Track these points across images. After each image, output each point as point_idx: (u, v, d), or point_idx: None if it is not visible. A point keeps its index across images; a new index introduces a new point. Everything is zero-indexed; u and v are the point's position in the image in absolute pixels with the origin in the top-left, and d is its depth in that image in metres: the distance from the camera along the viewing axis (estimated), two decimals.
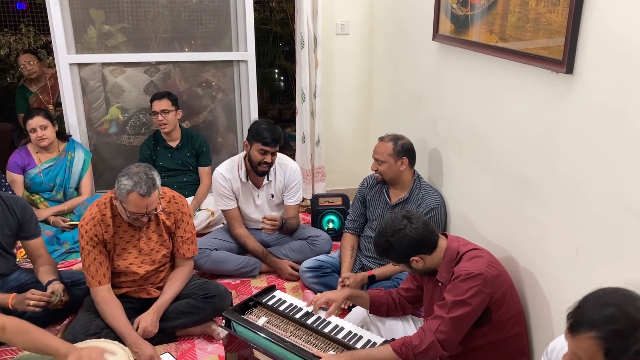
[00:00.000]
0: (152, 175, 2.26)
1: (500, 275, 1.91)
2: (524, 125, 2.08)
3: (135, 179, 2.21)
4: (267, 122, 3.00)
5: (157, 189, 2.27)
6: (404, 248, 1.94)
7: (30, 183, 3.41)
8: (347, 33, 3.83)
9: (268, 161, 2.93)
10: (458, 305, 1.83)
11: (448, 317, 1.83)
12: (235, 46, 3.81)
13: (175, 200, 2.49)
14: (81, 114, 3.73)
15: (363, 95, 4.00)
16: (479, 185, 2.48)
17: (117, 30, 3.71)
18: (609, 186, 1.65)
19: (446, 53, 2.74)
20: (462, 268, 1.88)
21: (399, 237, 1.93)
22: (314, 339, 2.03)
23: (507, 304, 1.93)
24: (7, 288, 2.47)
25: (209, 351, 2.44)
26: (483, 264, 1.88)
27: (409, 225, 1.93)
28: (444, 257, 1.96)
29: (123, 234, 2.39)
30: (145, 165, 2.30)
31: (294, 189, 3.12)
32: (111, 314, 2.31)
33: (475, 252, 1.94)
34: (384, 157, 2.69)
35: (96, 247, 2.33)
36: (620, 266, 1.63)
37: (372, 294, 2.26)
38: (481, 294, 1.83)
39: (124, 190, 2.21)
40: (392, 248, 1.95)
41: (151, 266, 2.46)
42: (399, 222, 1.95)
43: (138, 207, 2.24)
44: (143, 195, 2.21)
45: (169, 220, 2.46)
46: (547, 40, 1.86)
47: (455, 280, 1.87)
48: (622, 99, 1.58)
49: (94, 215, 2.34)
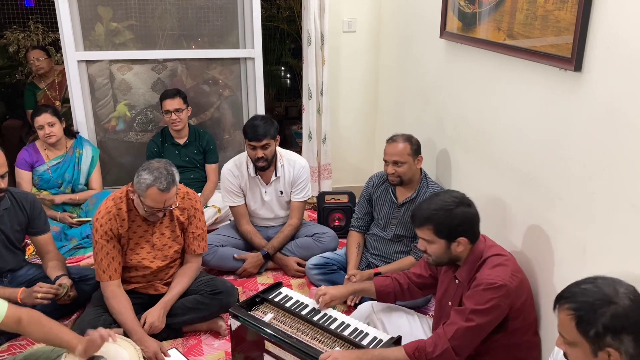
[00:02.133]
0: (172, 171, 2.28)
1: (522, 284, 1.86)
2: (532, 123, 2.08)
3: (155, 173, 2.23)
4: (259, 116, 3.03)
5: (176, 185, 2.29)
6: (461, 222, 1.87)
7: (38, 180, 3.44)
8: (354, 30, 3.83)
9: (259, 156, 2.94)
10: (477, 315, 1.79)
11: (465, 325, 1.80)
12: (242, 43, 3.82)
13: (189, 197, 2.51)
14: (89, 110, 3.75)
15: (370, 92, 4.00)
16: (486, 184, 2.48)
17: (125, 27, 3.73)
18: (616, 184, 1.65)
19: (453, 51, 2.74)
20: (486, 276, 1.82)
21: (462, 210, 1.87)
22: (320, 336, 2.04)
23: (525, 312, 1.89)
24: (16, 283, 2.50)
25: (215, 347, 2.46)
26: (507, 274, 1.81)
27: (472, 205, 1.91)
28: (469, 256, 1.92)
29: (137, 228, 2.41)
30: (166, 161, 2.32)
31: (301, 185, 3.12)
32: (119, 309, 2.33)
33: (500, 260, 1.87)
34: (404, 158, 2.66)
35: (110, 241, 2.35)
36: (627, 264, 1.62)
37: (378, 284, 2.25)
38: (502, 306, 1.80)
39: (144, 185, 2.23)
40: (449, 217, 1.86)
41: (163, 261, 2.48)
42: (465, 199, 1.91)
43: (156, 201, 2.26)
44: (162, 191, 2.23)
45: (182, 216, 2.48)
46: (555, 37, 1.86)
47: (477, 288, 1.82)
48: (630, 96, 1.58)
49: (110, 209, 2.36)
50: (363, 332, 2.05)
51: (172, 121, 3.50)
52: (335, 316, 2.14)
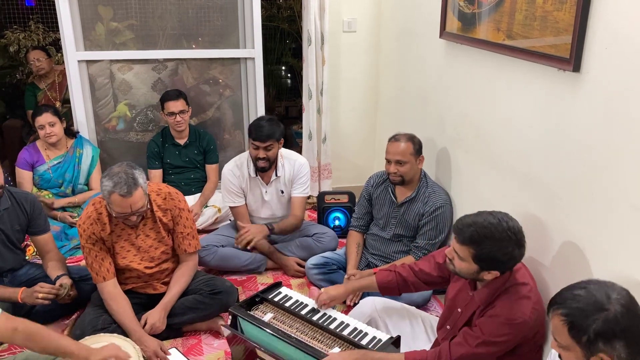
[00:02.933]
0: (132, 174, 2.21)
1: (540, 315, 1.78)
2: (531, 123, 2.08)
3: (115, 179, 2.18)
4: (266, 117, 3.03)
5: (139, 187, 2.22)
6: (504, 260, 1.73)
7: (39, 179, 3.44)
8: (354, 30, 3.83)
9: (261, 156, 2.94)
10: (489, 345, 1.76)
11: (474, 352, 1.77)
12: (242, 43, 3.82)
13: (171, 197, 2.47)
14: (89, 110, 3.76)
15: (370, 92, 4.00)
16: (486, 184, 2.48)
17: (125, 27, 3.73)
18: (616, 184, 1.65)
19: (453, 51, 2.74)
20: (507, 308, 1.74)
21: (511, 249, 1.72)
22: (319, 335, 2.04)
23: (537, 338, 1.86)
24: (16, 282, 2.51)
25: (215, 347, 2.46)
26: (529, 308, 1.74)
27: (523, 246, 1.76)
28: (494, 281, 1.80)
29: (120, 232, 2.40)
30: (127, 164, 2.26)
31: (301, 181, 3.12)
32: (117, 309, 2.33)
33: (525, 290, 1.77)
34: (407, 157, 2.66)
35: (96, 244, 2.35)
36: (626, 264, 1.63)
37: (380, 280, 2.21)
38: (516, 339, 1.77)
39: (106, 192, 2.20)
40: (497, 251, 1.72)
41: (151, 263, 2.47)
42: (520, 237, 1.75)
43: (122, 207, 2.22)
44: (124, 196, 2.18)
45: (165, 217, 2.45)
46: (554, 38, 1.86)
47: (496, 318, 1.75)
48: (629, 97, 1.58)
49: (90, 214, 2.35)
50: (362, 331, 2.05)
51: (177, 123, 3.50)
52: (334, 316, 2.15)
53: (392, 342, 1.98)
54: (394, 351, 1.97)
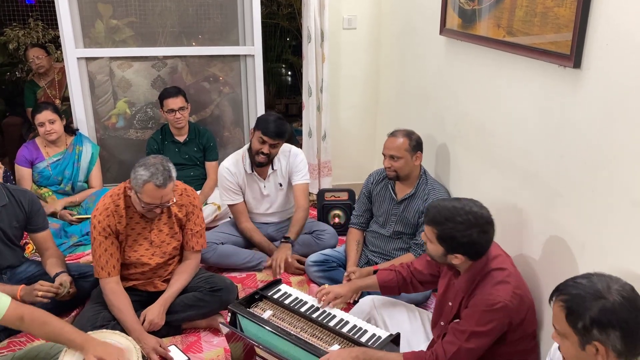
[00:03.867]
0: (168, 167, 2.28)
1: (522, 300, 1.81)
2: (531, 120, 2.07)
3: (152, 169, 2.23)
4: (278, 115, 3.02)
5: (172, 180, 2.29)
6: (466, 243, 1.79)
7: (38, 177, 3.44)
8: (354, 27, 3.83)
9: (265, 152, 2.93)
10: (477, 336, 1.78)
11: (466, 347, 1.78)
12: (242, 40, 3.82)
13: (187, 193, 2.51)
14: (89, 108, 3.75)
15: (370, 89, 3.99)
16: (486, 181, 2.47)
17: (125, 24, 3.72)
18: (616, 181, 1.64)
19: (453, 48, 2.73)
20: (486, 295, 1.78)
21: (474, 233, 1.78)
22: (319, 333, 2.04)
23: (525, 325, 1.87)
24: (15, 280, 2.50)
25: (214, 344, 2.46)
26: (508, 292, 1.77)
27: (489, 232, 1.81)
28: (469, 268, 1.86)
29: (135, 225, 2.41)
30: (162, 157, 2.33)
31: (299, 168, 3.11)
32: (118, 306, 2.33)
33: (502, 275, 1.81)
34: (401, 153, 2.66)
35: (108, 238, 2.35)
36: (626, 261, 1.62)
37: (381, 279, 2.24)
38: (501, 325, 1.79)
39: (141, 181, 2.23)
40: (457, 233, 1.78)
41: (162, 258, 2.48)
42: (484, 223, 1.80)
43: (153, 197, 2.26)
44: (159, 186, 2.23)
45: (180, 213, 2.48)
46: (554, 34, 1.85)
47: (477, 307, 1.78)
48: (629, 93, 1.57)
49: (108, 205, 2.36)
50: (362, 329, 2.05)
51: (176, 120, 3.49)
52: (334, 313, 2.15)
53: (391, 340, 1.98)
54: (394, 349, 1.97)
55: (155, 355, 2.26)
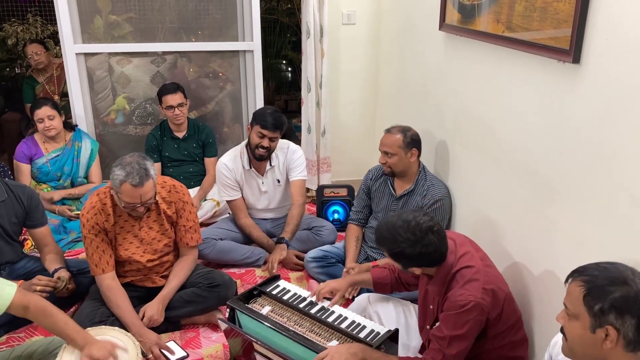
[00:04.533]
0: (144, 165, 2.24)
1: (495, 295, 1.82)
2: (530, 116, 2.07)
3: (127, 169, 2.20)
4: (273, 108, 3.02)
5: (150, 178, 2.24)
6: (415, 260, 1.84)
7: (37, 173, 3.44)
8: (354, 23, 3.81)
9: (265, 145, 2.93)
10: (457, 340, 1.79)
11: (449, 353, 1.80)
12: (241, 36, 3.81)
13: (175, 190, 2.49)
14: (88, 104, 3.74)
15: (369, 85, 3.98)
16: (485, 177, 2.47)
17: (124, 20, 3.71)
18: (615, 177, 1.64)
19: (453, 43, 2.73)
20: (457, 297, 1.79)
21: (416, 249, 1.81)
22: (317, 328, 2.04)
23: (503, 317, 1.88)
24: (14, 276, 2.50)
25: (213, 340, 2.46)
26: (478, 289, 1.78)
27: (430, 239, 1.81)
28: (438, 272, 1.89)
29: (124, 223, 2.40)
30: (139, 155, 2.29)
31: (297, 164, 3.11)
32: (116, 302, 2.33)
33: (470, 273, 1.82)
34: (394, 150, 2.66)
35: (98, 235, 2.35)
36: (625, 258, 1.62)
37: (375, 276, 2.26)
38: (478, 323, 1.80)
39: (117, 181, 2.21)
40: (402, 254, 1.84)
41: (153, 255, 2.47)
42: (420, 236, 1.80)
43: (132, 197, 2.23)
44: (135, 186, 2.20)
45: (170, 210, 2.46)
46: (554, 29, 1.85)
47: (450, 311, 1.80)
48: (629, 89, 1.57)
49: (94, 204, 2.35)
50: (360, 324, 2.05)
51: (175, 116, 3.49)
52: (332, 309, 2.15)
53: (389, 336, 1.98)
54: (392, 345, 1.98)
55: (157, 349, 2.26)
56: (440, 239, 1.84)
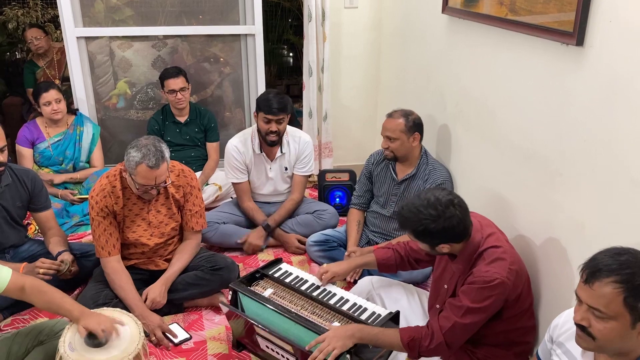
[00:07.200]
0: (160, 147, 2.27)
1: (518, 276, 1.82)
2: (533, 99, 2.06)
3: (144, 151, 2.23)
4: (274, 91, 3.01)
5: (165, 161, 2.28)
6: (440, 235, 1.80)
7: (39, 157, 3.44)
8: (356, 6, 3.78)
9: (274, 130, 2.93)
10: (473, 312, 1.79)
11: (461, 322, 1.79)
12: (242, 20, 3.78)
13: (184, 174, 2.51)
14: (89, 88, 3.74)
15: (371, 69, 3.96)
16: (487, 160, 2.47)
17: (125, 4, 3.69)
18: (617, 160, 1.64)
19: (456, 26, 2.71)
20: (483, 272, 1.78)
21: (439, 224, 1.77)
22: (319, 310, 2.06)
23: (521, 301, 1.88)
24: (18, 258, 2.52)
25: (216, 322, 2.48)
26: (504, 268, 1.78)
27: (452, 212, 1.77)
28: (464, 249, 1.86)
29: (132, 206, 2.42)
30: (155, 138, 2.32)
31: (305, 160, 3.13)
32: (120, 284, 2.35)
33: (497, 253, 1.81)
34: (397, 134, 2.66)
35: (106, 218, 2.36)
36: (626, 241, 1.62)
37: (379, 257, 2.24)
38: (498, 302, 1.80)
39: (133, 162, 2.23)
40: (426, 232, 1.80)
41: (160, 239, 2.49)
42: (443, 210, 1.77)
43: (147, 179, 2.26)
44: (151, 167, 2.23)
45: (178, 194, 2.48)
46: (557, 12, 1.83)
47: (473, 284, 1.79)
48: (632, 71, 1.56)
49: (104, 186, 2.37)
50: (362, 307, 2.07)
51: (178, 100, 3.48)
52: (334, 291, 2.16)
53: (390, 318, 1.99)
54: (393, 327, 1.99)
55: (159, 332, 2.28)
56: (463, 211, 1.81)
